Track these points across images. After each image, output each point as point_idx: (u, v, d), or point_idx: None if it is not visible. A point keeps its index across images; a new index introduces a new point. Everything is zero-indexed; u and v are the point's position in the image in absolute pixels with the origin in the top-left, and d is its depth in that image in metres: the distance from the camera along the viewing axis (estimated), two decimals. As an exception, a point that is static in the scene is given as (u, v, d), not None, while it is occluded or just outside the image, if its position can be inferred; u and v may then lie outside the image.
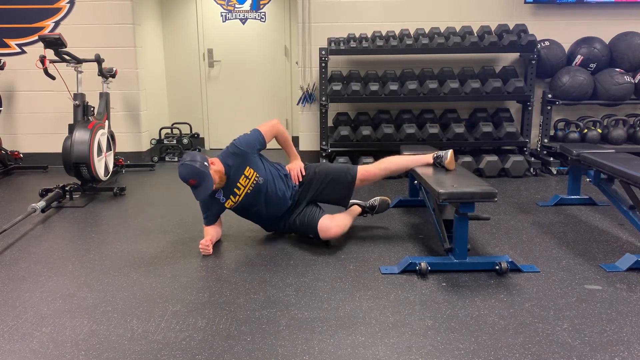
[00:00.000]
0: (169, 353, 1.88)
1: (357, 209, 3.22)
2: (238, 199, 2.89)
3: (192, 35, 6.18)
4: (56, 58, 4.17)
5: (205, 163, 2.70)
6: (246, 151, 2.83)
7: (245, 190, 2.87)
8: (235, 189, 2.86)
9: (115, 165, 4.61)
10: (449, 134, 4.64)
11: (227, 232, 3.17)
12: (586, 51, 4.79)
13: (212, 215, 2.98)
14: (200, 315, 2.16)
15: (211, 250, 2.84)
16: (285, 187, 2.96)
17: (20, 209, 3.61)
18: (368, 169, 3.09)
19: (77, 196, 4.05)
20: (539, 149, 4.94)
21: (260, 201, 2.92)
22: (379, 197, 3.29)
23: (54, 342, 1.96)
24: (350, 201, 3.22)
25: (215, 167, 2.77)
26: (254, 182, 2.86)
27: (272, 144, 3.10)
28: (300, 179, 3.04)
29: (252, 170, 2.85)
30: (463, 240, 2.55)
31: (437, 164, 3.04)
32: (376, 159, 3.23)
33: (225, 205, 2.92)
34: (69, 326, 2.08)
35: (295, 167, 3.05)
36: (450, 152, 3.00)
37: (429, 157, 3.10)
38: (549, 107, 4.84)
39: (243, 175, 2.84)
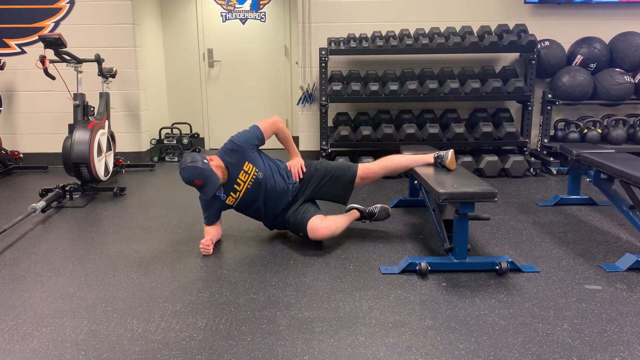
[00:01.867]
0: (169, 353, 1.88)
1: (355, 214, 3.21)
2: (239, 195, 2.89)
3: (192, 35, 6.18)
4: (56, 58, 4.17)
5: (205, 161, 2.72)
6: (244, 147, 2.83)
7: (245, 186, 2.86)
8: (235, 185, 2.86)
9: (115, 165, 4.61)
10: (449, 134, 4.64)
11: (227, 232, 3.17)
12: (586, 51, 4.79)
13: (213, 213, 2.97)
14: (200, 315, 2.16)
15: (211, 250, 2.84)
16: (284, 183, 2.96)
17: (20, 209, 3.61)
18: (369, 167, 3.09)
19: (77, 196, 4.05)
20: (539, 149, 4.94)
21: (260, 197, 2.91)
22: (380, 205, 3.24)
23: (54, 342, 1.96)
24: (351, 205, 3.22)
25: (215, 162, 2.79)
26: (254, 177, 2.86)
27: (273, 143, 3.10)
28: (301, 176, 3.04)
29: (251, 166, 2.85)
30: (463, 240, 2.55)
31: (438, 164, 3.04)
32: (376, 159, 3.23)
33: (227, 202, 2.92)
34: (69, 326, 2.08)
35: (296, 164, 3.05)
36: (451, 152, 3.00)
37: (429, 157, 3.10)
38: (549, 107, 4.84)
39: (242, 171, 2.84)
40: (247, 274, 2.57)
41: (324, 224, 2.88)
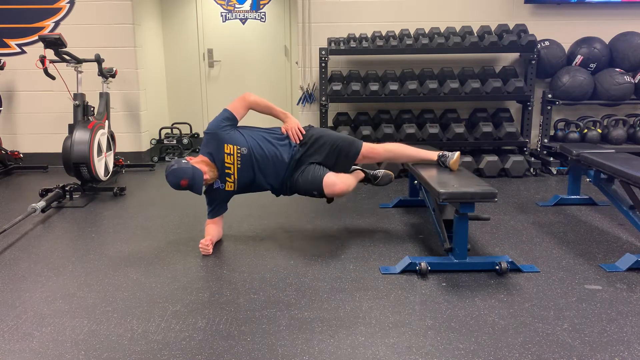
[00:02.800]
0: (169, 353, 1.88)
1: (360, 174, 3.16)
2: (234, 178, 2.87)
3: (192, 35, 6.18)
4: (56, 58, 4.17)
5: (184, 161, 2.72)
6: (215, 131, 2.82)
7: (235, 167, 2.85)
8: (226, 170, 2.84)
9: (115, 165, 4.61)
10: (449, 134, 4.64)
11: (227, 232, 3.17)
12: (586, 51, 4.79)
13: (218, 205, 2.97)
14: (200, 315, 2.16)
15: (211, 250, 2.84)
16: (274, 147, 2.89)
17: (20, 209, 3.61)
18: (373, 147, 3.05)
19: (77, 196, 4.05)
20: (539, 149, 4.94)
21: (255, 170, 2.88)
22: (383, 170, 3.22)
23: (54, 342, 1.96)
24: (354, 167, 3.15)
25: (196, 159, 2.80)
26: (238, 155, 2.83)
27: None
28: (300, 137, 2.96)
29: (231, 146, 2.82)
30: (463, 240, 2.55)
31: (441, 163, 3.04)
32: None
33: (227, 189, 2.90)
34: (69, 326, 2.08)
35: (292, 126, 2.96)
36: (457, 153, 2.99)
37: (433, 155, 3.09)
38: (549, 107, 4.84)
39: (225, 154, 2.82)
40: (247, 274, 2.57)
41: (339, 179, 2.82)
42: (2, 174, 4.93)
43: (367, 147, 3.01)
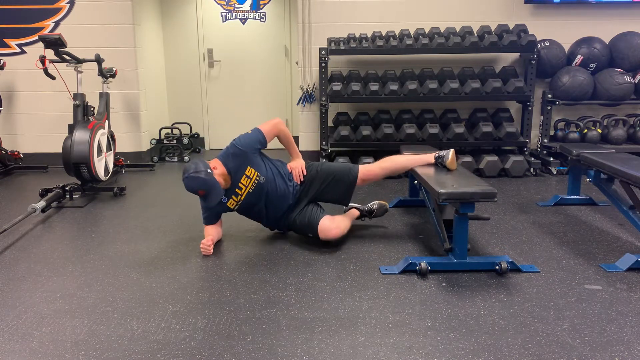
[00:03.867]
0: (169, 353, 1.88)
1: (355, 212, 3.24)
2: (240, 199, 2.89)
3: (192, 35, 6.18)
4: (56, 58, 4.17)
5: (209, 170, 2.70)
6: (246, 151, 2.83)
7: (247, 190, 2.87)
8: (237, 189, 2.86)
9: (115, 165, 4.61)
10: (449, 134, 4.64)
11: (227, 232, 3.17)
12: (586, 51, 4.79)
13: (212, 215, 2.98)
14: (200, 315, 2.16)
15: (212, 251, 2.84)
16: (285, 185, 2.96)
17: (20, 209, 3.61)
18: (369, 169, 3.09)
19: (77, 196, 4.05)
20: (539, 149, 4.94)
21: (262, 200, 2.92)
22: (377, 202, 3.30)
23: (54, 342, 1.96)
24: (349, 205, 3.24)
25: (218, 171, 2.77)
26: (256, 181, 2.86)
27: (274, 144, 3.09)
28: (302, 178, 3.03)
29: (253, 170, 2.85)
30: (463, 240, 2.55)
31: (439, 164, 3.04)
32: (376, 159, 3.23)
33: (228, 205, 2.92)
34: (69, 326, 2.08)
35: (297, 166, 3.04)
36: (451, 152, 3.00)
37: (430, 157, 3.10)
38: (549, 107, 4.84)
39: (244, 176, 2.84)
40: (247, 274, 2.57)
41: (334, 224, 2.90)
42: (2, 174, 4.93)
43: (363, 171, 3.06)
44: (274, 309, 2.21)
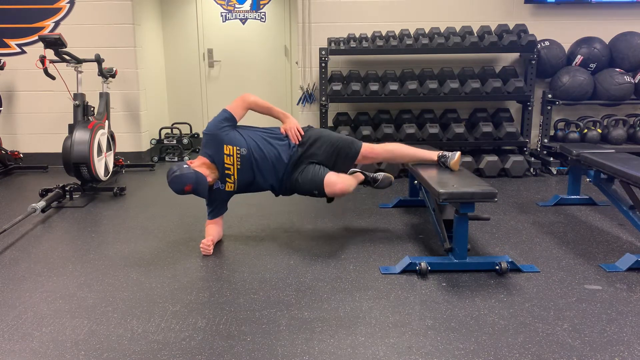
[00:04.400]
0: (169, 353, 1.88)
1: (360, 176, 3.15)
2: (234, 179, 2.87)
3: (192, 35, 6.18)
4: (56, 58, 4.17)
5: (185, 165, 2.71)
6: (214, 132, 2.81)
7: (235, 168, 2.84)
8: (226, 171, 2.84)
9: (115, 165, 4.61)
10: (449, 134, 4.64)
11: (227, 232, 3.17)
12: (586, 51, 4.79)
13: (218, 206, 2.97)
14: (200, 315, 2.16)
15: (212, 251, 2.84)
16: (273, 147, 2.89)
17: (20, 209, 3.61)
18: (372, 147, 3.05)
19: (77, 196, 4.05)
20: (539, 149, 4.94)
21: (255, 170, 2.88)
22: (383, 173, 3.21)
23: (54, 342, 1.96)
24: (354, 169, 3.15)
25: (196, 163, 2.79)
26: (238, 155, 2.83)
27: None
28: (299, 138, 2.95)
29: (230, 147, 2.82)
30: (463, 240, 2.55)
31: (441, 163, 3.04)
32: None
33: (227, 189, 2.90)
34: (69, 326, 2.08)
35: (291, 126, 2.95)
36: (458, 153, 2.98)
37: (433, 155, 3.09)
38: (549, 107, 4.84)
39: (225, 155, 2.82)
40: (247, 274, 2.57)
41: (340, 179, 2.83)
42: (2, 174, 4.93)
43: (366, 148, 3.01)
44: (274, 309, 2.21)
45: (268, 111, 2.98)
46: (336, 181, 2.80)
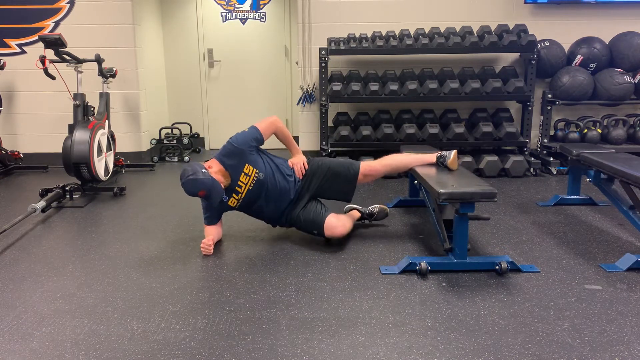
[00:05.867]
0: (169, 353, 1.88)
1: (356, 214, 3.26)
2: (241, 197, 2.89)
3: (192, 35, 6.18)
4: (56, 58, 4.17)
5: (204, 170, 2.69)
6: (242, 149, 2.82)
7: (246, 188, 2.87)
8: (237, 187, 2.86)
9: (115, 165, 4.61)
10: (449, 134, 4.64)
11: (227, 232, 3.17)
12: (586, 51, 4.79)
13: (214, 214, 2.97)
14: (200, 315, 2.16)
15: (212, 251, 2.84)
16: (285, 181, 2.95)
17: (20, 209, 3.61)
18: (371, 165, 3.10)
19: (77, 196, 4.05)
20: (539, 149, 4.94)
21: (262, 196, 2.92)
22: (378, 205, 3.33)
23: (54, 342, 1.96)
24: (349, 206, 3.26)
25: (214, 169, 2.77)
26: (255, 178, 2.86)
27: (276, 144, 3.10)
28: (304, 173, 3.04)
29: (251, 167, 2.84)
30: (463, 240, 2.55)
31: (440, 164, 3.05)
32: (376, 159, 3.23)
33: (229, 203, 2.92)
34: (69, 326, 2.08)
35: (298, 161, 3.04)
36: (454, 152, 3.00)
37: (432, 157, 3.10)
38: (549, 107, 4.84)
39: (243, 173, 2.83)
40: (247, 274, 2.57)
41: (340, 222, 2.91)
42: (2, 174, 4.93)
43: (365, 167, 3.06)
44: (274, 309, 2.21)
45: (286, 141, 3.05)
46: (336, 225, 2.89)
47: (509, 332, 2.00)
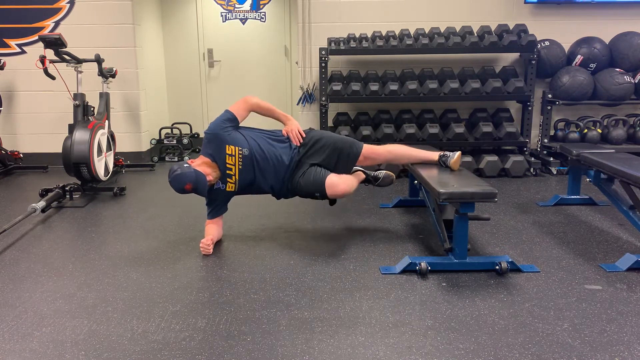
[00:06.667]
0: (169, 353, 1.88)
1: (361, 175, 3.16)
2: (235, 179, 2.87)
3: (192, 35, 6.18)
4: (56, 58, 4.17)
5: (186, 165, 2.72)
6: (216, 132, 2.81)
7: (236, 168, 2.84)
8: (228, 171, 2.84)
9: (115, 165, 4.61)
10: (449, 134, 4.64)
11: (227, 232, 3.17)
12: (586, 51, 4.79)
13: (218, 205, 2.97)
14: (200, 315, 2.16)
15: (212, 250, 2.84)
16: (275, 149, 2.90)
17: (20, 209, 3.61)
18: (374, 148, 3.05)
19: (77, 196, 4.05)
20: (539, 149, 4.94)
21: (256, 172, 2.88)
22: (384, 171, 3.23)
23: (54, 342, 1.96)
24: (355, 167, 3.14)
25: (197, 161, 2.80)
26: (240, 156, 2.83)
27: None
28: (301, 140, 2.96)
29: (232, 147, 2.82)
30: (463, 240, 2.55)
31: (442, 163, 3.04)
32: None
33: (227, 189, 2.90)
34: (69, 326, 2.08)
35: (292, 128, 2.96)
36: (458, 153, 2.99)
37: (434, 155, 3.09)
38: (549, 107, 4.84)
39: (227, 155, 2.82)
40: (247, 274, 2.57)
41: (341, 180, 2.82)
42: (2, 174, 4.93)
43: (367, 148, 3.02)
44: (274, 309, 2.21)
45: (270, 113, 2.99)
46: (338, 182, 2.80)
47: (509, 332, 2.00)
